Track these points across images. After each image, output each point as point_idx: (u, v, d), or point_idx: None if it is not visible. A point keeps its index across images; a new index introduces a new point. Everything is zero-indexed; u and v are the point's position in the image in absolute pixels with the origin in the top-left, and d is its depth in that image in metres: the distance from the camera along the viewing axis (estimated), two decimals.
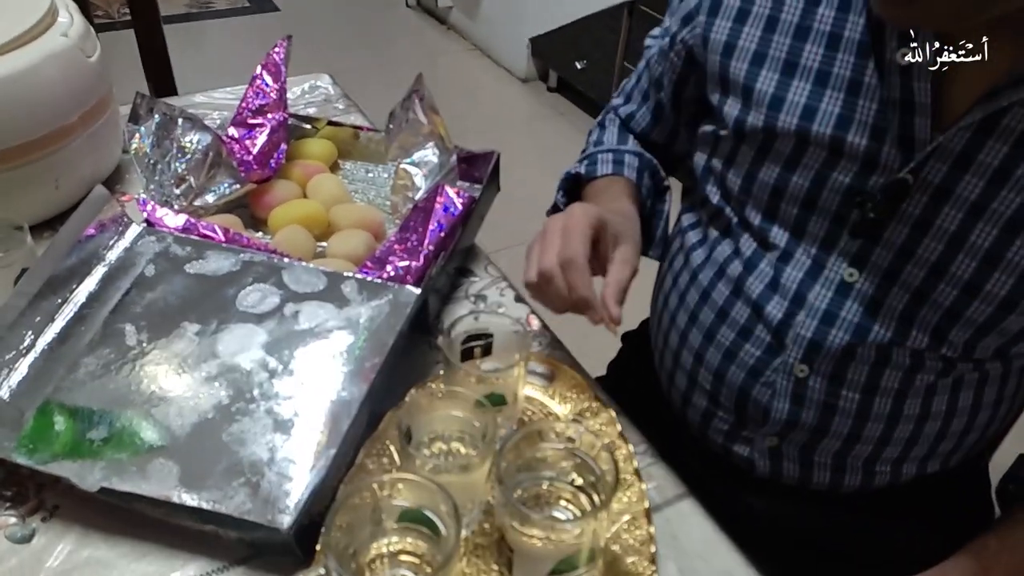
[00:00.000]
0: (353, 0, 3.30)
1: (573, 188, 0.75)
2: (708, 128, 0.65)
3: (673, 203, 0.77)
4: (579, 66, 2.44)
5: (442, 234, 0.67)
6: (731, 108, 0.61)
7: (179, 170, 0.69)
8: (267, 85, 0.76)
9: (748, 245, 0.63)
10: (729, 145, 0.62)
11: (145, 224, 0.66)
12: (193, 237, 0.65)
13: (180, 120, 0.70)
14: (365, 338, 0.58)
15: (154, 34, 1.23)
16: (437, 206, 0.67)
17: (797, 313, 0.60)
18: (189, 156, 0.70)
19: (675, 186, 0.77)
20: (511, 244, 1.97)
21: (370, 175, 0.81)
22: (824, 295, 0.59)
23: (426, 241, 0.66)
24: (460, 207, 0.68)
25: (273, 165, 0.75)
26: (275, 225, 0.71)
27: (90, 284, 0.61)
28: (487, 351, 0.56)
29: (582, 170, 0.73)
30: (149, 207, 0.66)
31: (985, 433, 0.65)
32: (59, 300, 0.60)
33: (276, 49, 0.78)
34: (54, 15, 0.72)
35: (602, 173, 0.72)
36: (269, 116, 0.76)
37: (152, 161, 0.68)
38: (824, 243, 0.58)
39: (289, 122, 0.79)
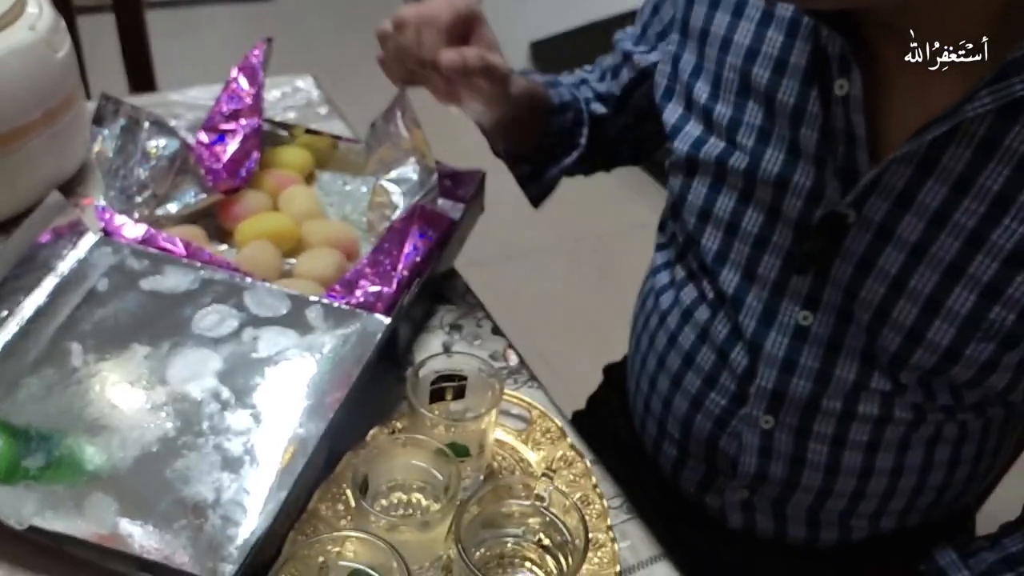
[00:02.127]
0: None
1: None
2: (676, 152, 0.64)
3: (646, 243, 0.75)
4: None
5: (417, 259, 0.63)
6: (693, 128, 0.62)
7: (142, 176, 0.66)
8: (242, 89, 0.73)
9: (710, 291, 0.62)
10: (683, 172, 0.62)
11: (102, 233, 0.62)
12: (151, 250, 0.61)
13: (146, 124, 0.66)
14: (328, 369, 0.55)
15: (135, 23, 1.19)
16: (414, 228, 0.64)
17: (757, 362, 0.58)
18: (153, 162, 0.66)
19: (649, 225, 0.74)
20: (497, 258, 1.94)
21: (347, 188, 0.78)
22: (781, 342, 0.57)
23: (400, 266, 0.62)
24: (438, 230, 0.65)
25: (243, 174, 0.71)
26: (242, 239, 0.68)
27: (39, 297, 0.57)
28: (459, 394, 0.53)
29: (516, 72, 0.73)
30: (107, 215, 0.62)
31: (968, 487, 0.63)
32: (4, 313, 0.56)
33: (254, 51, 0.74)
34: (22, 6, 0.68)
35: (531, 78, 0.71)
36: (242, 122, 0.72)
37: (114, 166, 0.65)
38: (776, 286, 0.57)
39: (264, 128, 0.75)
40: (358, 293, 0.61)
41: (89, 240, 0.61)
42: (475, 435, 0.49)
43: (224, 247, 0.70)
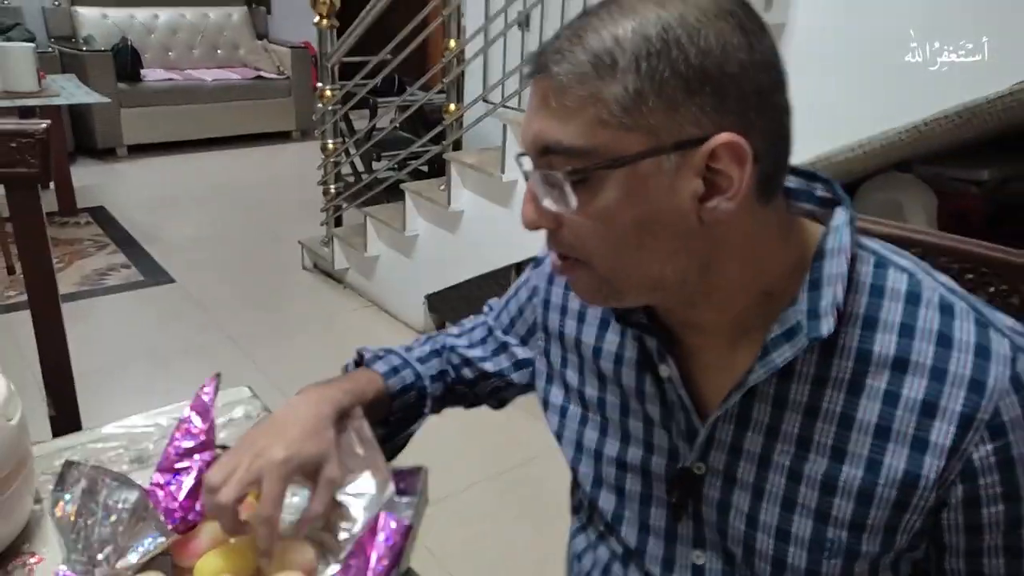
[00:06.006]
0: (249, 267, 3.42)
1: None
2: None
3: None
4: None
5: (382, 570, 0.67)
6: (575, 408, 0.74)
7: (104, 534, 0.68)
8: (195, 427, 0.78)
9: (618, 546, 0.71)
10: (573, 447, 0.74)
11: None
12: None
13: (107, 480, 0.69)
14: None
15: (60, 365, 1.20)
16: (376, 538, 0.68)
17: None
18: (115, 517, 0.69)
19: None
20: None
21: (295, 499, 0.82)
22: None
23: None
24: (400, 537, 0.69)
25: (200, 509, 0.74)
26: None
27: None
28: None
29: (367, 355, 0.83)
30: None
31: None
32: None
33: (205, 388, 0.80)
34: None
35: (374, 368, 0.81)
36: (196, 458, 0.76)
37: (77, 528, 0.66)
38: (668, 534, 0.67)
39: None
40: None
41: None
42: None
43: None
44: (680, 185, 0.52)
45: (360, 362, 0.84)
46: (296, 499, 0.78)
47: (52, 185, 3.77)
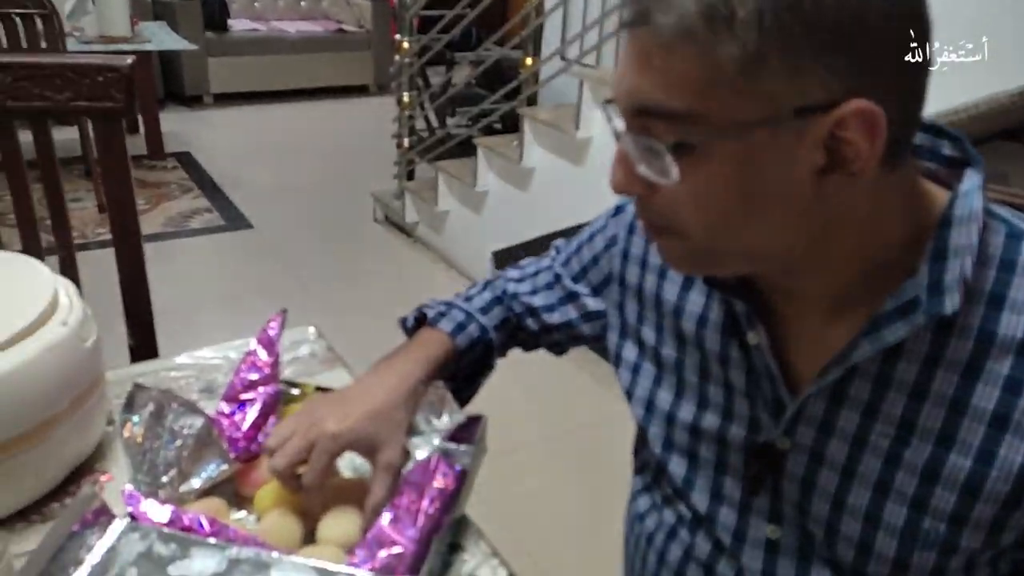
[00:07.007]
0: (323, 217, 3.48)
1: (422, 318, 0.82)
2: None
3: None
4: None
5: (434, 512, 0.66)
6: (649, 367, 0.70)
7: (169, 457, 0.69)
8: (260, 360, 0.78)
9: (686, 511, 0.68)
10: (643, 407, 0.71)
11: (129, 518, 0.64)
12: (177, 533, 0.63)
13: (174, 405, 0.71)
14: None
15: (138, 295, 1.25)
16: (431, 481, 0.67)
17: (743, 575, 0.63)
18: (180, 441, 0.70)
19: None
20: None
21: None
22: (758, 555, 0.62)
23: (419, 522, 0.65)
24: (454, 482, 0.68)
25: (262, 440, 0.75)
26: (260, 507, 0.70)
27: None
28: None
29: (431, 314, 0.80)
30: (134, 501, 0.65)
31: None
32: None
33: (271, 323, 0.81)
34: (55, 303, 0.75)
35: (440, 327, 0.78)
36: (260, 390, 0.77)
37: (143, 450, 0.68)
38: (742, 505, 0.63)
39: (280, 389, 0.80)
40: (382, 553, 0.63)
41: (117, 527, 0.63)
42: None
43: (243, 514, 0.72)
44: (799, 157, 0.46)
45: (422, 319, 0.81)
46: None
47: (142, 130, 3.91)
